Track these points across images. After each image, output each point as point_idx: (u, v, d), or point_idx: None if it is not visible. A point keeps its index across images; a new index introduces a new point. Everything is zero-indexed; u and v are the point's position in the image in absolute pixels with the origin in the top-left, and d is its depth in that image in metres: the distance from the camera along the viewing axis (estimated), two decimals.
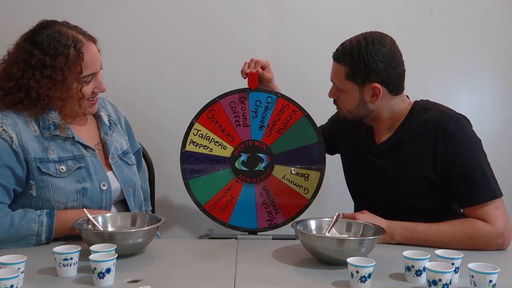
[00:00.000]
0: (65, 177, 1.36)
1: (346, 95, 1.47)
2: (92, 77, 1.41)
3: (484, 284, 0.99)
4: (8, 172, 1.32)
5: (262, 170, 1.60)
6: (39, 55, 1.33)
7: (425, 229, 1.34)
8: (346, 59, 1.43)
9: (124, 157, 1.55)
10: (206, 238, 1.67)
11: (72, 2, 2.17)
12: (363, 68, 1.40)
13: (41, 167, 1.34)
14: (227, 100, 1.61)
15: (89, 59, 1.37)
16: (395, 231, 1.35)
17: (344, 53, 1.44)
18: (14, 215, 1.30)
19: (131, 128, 1.70)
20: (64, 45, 1.34)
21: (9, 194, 1.34)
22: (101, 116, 1.55)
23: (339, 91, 1.49)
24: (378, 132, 1.53)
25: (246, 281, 1.10)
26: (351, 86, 1.44)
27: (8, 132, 1.32)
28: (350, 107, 1.49)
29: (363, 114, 1.49)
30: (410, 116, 1.47)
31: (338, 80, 1.47)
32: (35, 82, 1.33)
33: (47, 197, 1.34)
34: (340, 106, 1.53)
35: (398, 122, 1.48)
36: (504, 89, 2.32)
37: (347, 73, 1.43)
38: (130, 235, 1.24)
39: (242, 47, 2.25)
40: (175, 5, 2.23)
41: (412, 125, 1.46)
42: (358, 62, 1.41)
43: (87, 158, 1.42)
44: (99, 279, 1.03)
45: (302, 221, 1.33)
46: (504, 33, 2.30)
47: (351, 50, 1.42)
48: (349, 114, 1.51)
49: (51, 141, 1.38)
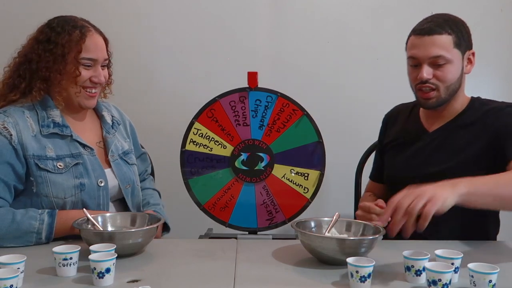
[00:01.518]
0: (63, 173, 1.38)
1: (452, 65, 1.44)
2: (93, 65, 1.42)
3: (483, 284, 0.99)
4: (8, 169, 1.33)
5: (262, 169, 1.60)
6: (48, 31, 1.42)
7: (485, 177, 1.26)
8: (450, 28, 1.43)
9: (125, 156, 1.56)
10: (206, 237, 1.67)
11: (71, 3, 2.17)
12: (465, 34, 1.46)
13: (39, 164, 1.35)
14: (227, 100, 1.61)
15: (91, 43, 1.42)
16: (456, 181, 1.19)
17: (445, 23, 1.44)
18: (16, 212, 1.32)
19: (135, 133, 1.70)
20: (72, 26, 1.42)
21: (10, 191, 1.35)
22: (104, 116, 1.56)
23: (445, 64, 1.43)
24: (432, 119, 1.53)
25: (246, 281, 1.09)
26: (457, 55, 1.45)
27: (8, 130, 1.34)
28: (453, 78, 1.45)
29: (457, 88, 1.47)
30: (470, 106, 1.51)
31: (446, 51, 1.43)
32: (37, 55, 1.40)
33: (46, 193, 1.36)
34: (443, 79, 1.45)
35: (458, 110, 1.50)
36: (504, 89, 2.33)
37: (455, 41, 1.43)
38: (129, 235, 1.24)
39: (242, 47, 2.25)
40: (175, 5, 2.23)
41: (471, 114, 1.49)
42: (461, 30, 1.45)
43: (84, 156, 1.43)
44: (98, 279, 1.03)
45: (302, 221, 1.33)
46: (504, 33, 2.30)
47: (449, 21, 1.45)
48: (445, 91, 1.46)
49: (49, 139, 1.40)
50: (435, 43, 1.42)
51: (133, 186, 1.55)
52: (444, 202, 1.11)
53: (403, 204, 1.11)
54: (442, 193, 1.12)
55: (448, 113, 1.51)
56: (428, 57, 1.43)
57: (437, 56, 1.42)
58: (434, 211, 1.09)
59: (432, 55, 1.42)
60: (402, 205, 1.11)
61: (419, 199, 1.11)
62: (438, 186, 1.15)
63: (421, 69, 1.44)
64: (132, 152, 1.62)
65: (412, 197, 1.12)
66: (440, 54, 1.42)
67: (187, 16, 2.24)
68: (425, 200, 1.10)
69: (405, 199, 1.12)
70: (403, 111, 1.66)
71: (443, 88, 1.45)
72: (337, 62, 2.27)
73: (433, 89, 1.45)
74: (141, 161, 1.72)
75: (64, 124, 1.43)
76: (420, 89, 1.47)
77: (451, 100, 1.48)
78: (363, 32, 1.59)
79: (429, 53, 1.42)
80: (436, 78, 1.44)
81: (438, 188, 1.13)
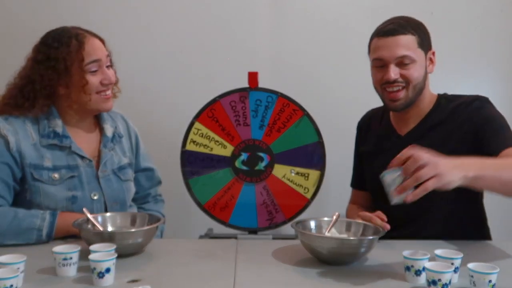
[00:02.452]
0: (57, 185, 1.39)
1: (418, 65, 1.46)
2: (98, 67, 1.42)
3: (483, 284, 0.99)
4: (7, 169, 1.35)
5: (262, 170, 1.60)
6: (45, 50, 1.41)
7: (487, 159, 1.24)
8: (412, 29, 1.46)
9: (119, 171, 1.53)
10: (206, 237, 1.67)
11: (71, 4, 2.17)
12: (426, 34, 1.49)
13: (34, 174, 1.37)
14: (228, 99, 1.61)
15: (91, 48, 1.41)
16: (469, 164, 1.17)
17: (407, 24, 1.46)
18: (19, 210, 1.33)
19: (139, 146, 1.66)
20: (67, 37, 1.41)
21: (10, 191, 1.37)
22: (105, 128, 1.54)
23: (410, 63, 1.45)
24: (402, 122, 1.55)
25: (246, 281, 1.09)
26: (421, 54, 1.47)
27: (7, 137, 1.36)
28: (419, 77, 1.47)
29: (422, 87, 1.49)
30: (437, 105, 1.52)
31: (411, 50, 1.45)
32: (40, 75, 1.40)
33: (38, 202, 1.38)
34: (410, 78, 1.46)
35: (426, 109, 1.52)
36: (504, 89, 2.32)
37: (418, 41, 1.46)
38: (129, 235, 1.24)
39: (242, 47, 2.25)
40: (175, 5, 2.23)
41: (440, 113, 1.50)
42: (422, 30, 1.48)
43: (81, 168, 1.43)
44: (98, 279, 1.03)
45: (302, 221, 1.33)
46: (504, 33, 2.30)
47: (410, 22, 1.48)
48: (413, 90, 1.47)
49: (47, 149, 1.41)
50: (400, 43, 1.44)
51: (122, 204, 1.52)
52: (450, 184, 1.10)
53: (417, 160, 1.09)
54: (451, 175, 1.10)
55: (417, 114, 1.52)
56: (394, 57, 1.44)
57: (403, 56, 1.44)
58: (434, 187, 1.08)
59: (398, 55, 1.44)
60: (416, 159, 1.09)
61: (429, 170, 1.08)
62: (452, 165, 1.12)
63: (387, 70, 1.45)
64: (131, 167, 1.59)
65: (426, 161, 1.09)
66: (406, 53, 1.44)
67: (187, 16, 2.24)
68: (433, 173, 1.08)
69: (420, 159, 1.09)
70: (374, 116, 1.68)
71: (411, 86, 1.46)
72: (337, 62, 2.27)
73: (401, 88, 1.46)
74: (146, 178, 1.69)
75: (65, 134, 1.43)
76: (387, 89, 1.47)
77: (417, 100, 1.50)
78: (363, 32, 1.58)
79: (395, 53, 1.44)
80: (403, 77, 1.45)
81: (450, 168, 1.11)
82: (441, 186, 1.08)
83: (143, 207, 1.69)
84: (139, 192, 1.67)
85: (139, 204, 1.69)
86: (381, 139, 1.60)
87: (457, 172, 1.11)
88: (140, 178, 1.67)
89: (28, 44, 1.46)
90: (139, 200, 1.68)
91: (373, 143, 1.63)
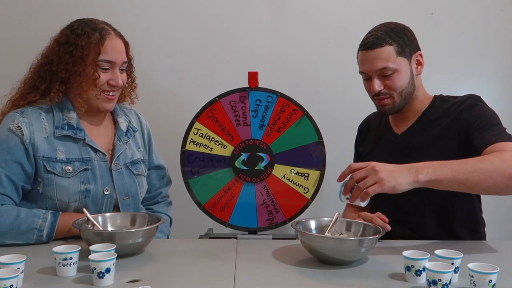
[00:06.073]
0: (70, 177, 1.39)
1: (400, 73, 1.49)
2: (110, 67, 1.43)
3: (483, 284, 0.99)
4: (18, 168, 1.35)
5: (262, 170, 1.60)
6: (68, 33, 1.43)
7: (452, 162, 1.27)
8: (390, 39, 1.48)
9: (132, 166, 1.54)
10: (206, 237, 1.67)
11: (71, 3, 2.17)
12: (407, 39, 1.51)
13: (47, 166, 1.37)
14: (227, 99, 1.61)
15: (110, 46, 1.42)
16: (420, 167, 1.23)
17: (385, 35, 1.48)
18: (21, 209, 1.34)
19: (152, 143, 1.68)
20: (92, 28, 1.43)
21: (18, 190, 1.37)
22: (119, 122, 1.56)
23: (392, 73, 1.48)
24: (399, 122, 1.60)
25: (246, 281, 1.09)
26: (402, 61, 1.49)
27: (22, 129, 1.36)
28: (403, 84, 1.50)
29: (411, 91, 1.53)
30: (432, 104, 1.56)
31: (391, 61, 1.48)
32: (58, 57, 1.42)
33: (51, 195, 1.37)
34: (393, 88, 1.50)
35: (422, 109, 1.56)
36: (504, 89, 2.33)
37: (397, 50, 1.48)
38: (129, 235, 1.24)
39: (242, 47, 2.25)
40: (175, 5, 2.23)
41: (434, 111, 1.54)
42: (401, 37, 1.50)
43: (94, 161, 1.43)
44: (98, 279, 1.03)
45: (302, 221, 1.33)
46: (504, 33, 2.30)
47: (388, 31, 1.49)
48: (399, 96, 1.51)
49: (61, 141, 1.41)
50: (378, 56, 1.48)
51: (134, 198, 1.52)
52: (395, 187, 1.21)
53: (356, 175, 1.23)
54: (395, 179, 1.20)
55: (412, 114, 1.58)
56: (374, 70, 1.50)
57: (382, 68, 1.49)
58: (376, 193, 1.19)
59: (377, 68, 1.49)
60: (355, 176, 1.23)
61: (370, 179, 1.21)
62: (396, 170, 1.22)
63: (372, 83, 1.51)
64: (144, 162, 1.60)
65: (366, 172, 1.22)
66: (385, 66, 1.48)
67: (187, 16, 2.24)
68: (374, 180, 1.20)
69: (359, 172, 1.23)
70: (374, 119, 1.75)
71: (396, 94, 1.52)
72: (337, 62, 2.27)
73: (388, 96, 1.52)
74: (157, 177, 1.69)
75: (79, 127, 1.43)
76: (375, 98, 1.55)
77: (410, 101, 1.55)
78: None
79: (375, 67, 1.49)
80: (387, 87, 1.51)
81: (393, 173, 1.21)
82: (386, 190, 1.20)
83: (152, 208, 1.69)
84: (150, 192, 1.67)
85: (148, 205, 1.69)
86: (379, 138, 1.65)
87: (405, 176, 1.21)
88: (152, 175, 1.67)
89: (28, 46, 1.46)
90: (149, 200, 1.68)
91: (371, 142, 1.68)
